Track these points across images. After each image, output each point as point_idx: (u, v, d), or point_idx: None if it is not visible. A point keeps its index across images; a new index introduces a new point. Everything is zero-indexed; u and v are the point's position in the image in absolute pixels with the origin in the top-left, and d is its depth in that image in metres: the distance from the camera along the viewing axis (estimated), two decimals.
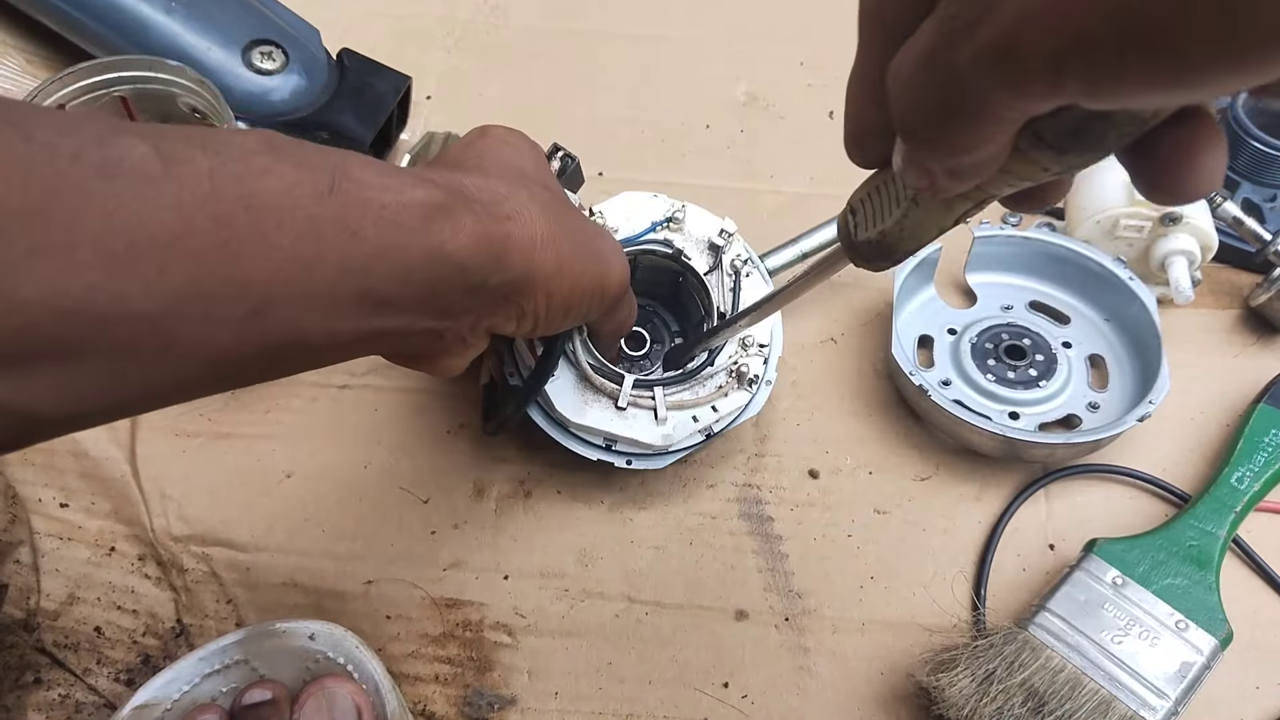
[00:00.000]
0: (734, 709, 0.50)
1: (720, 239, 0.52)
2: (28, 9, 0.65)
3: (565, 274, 0.39)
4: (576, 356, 0.50)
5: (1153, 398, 0.54)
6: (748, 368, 0.50)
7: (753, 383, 0.51)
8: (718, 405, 0.50)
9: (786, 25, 0.80)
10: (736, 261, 0.52)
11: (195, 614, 0.51)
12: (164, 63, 0.52)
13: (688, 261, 0.53)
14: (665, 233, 0.53)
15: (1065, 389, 0.58)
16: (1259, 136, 0.67)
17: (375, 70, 0.64)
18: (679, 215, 0.53)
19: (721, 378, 0.51)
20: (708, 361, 0.51)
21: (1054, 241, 0.61)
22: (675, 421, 0.49)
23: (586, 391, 0.49)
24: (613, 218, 0.52)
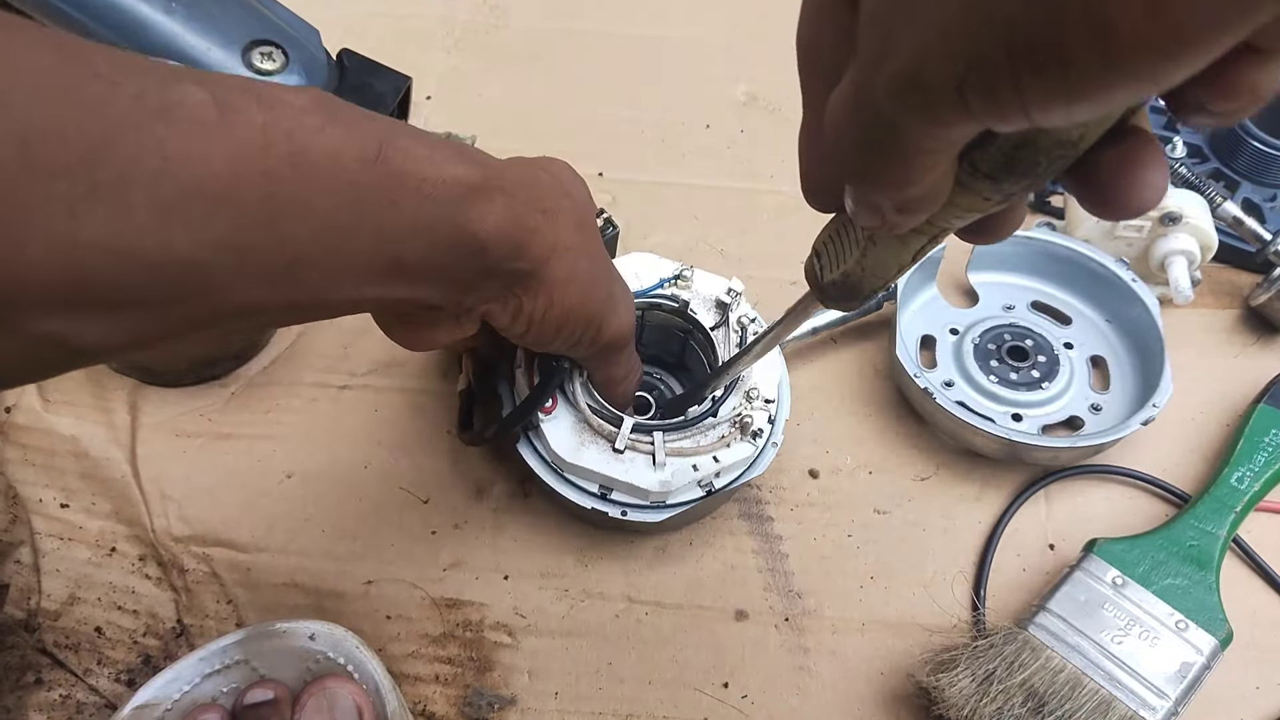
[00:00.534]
0: (734, 709, 0.50)
1: (728, 297, 0.52)
2: (25, 8, 0.65)
3: (573, 289, 0.39)
4: (575, 397, 0.49)
5: (1156, 401, 0.54)
6: (751, 419, 0.49)
7: (756, 435, 0.49)
8: (719, 456, 0.48)
9: (786, 25, 0.80)
10: (744, 319, 0.52)
11: (196, 614, 0.51)
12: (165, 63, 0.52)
13: (694, 315, 0.52)
14: (673, 289, 0.53)
15: (1067, 390, 0.58)
16: (1259, 136, 0.67)
17: (375, 71, 0.64)
18: (686, 274, 0.53)
19: (724, 428, 0.49)
20: (710, 411, 0.49)
21: (1057, 242, 0.61)
22: (674, 468, 0.48)
23: (584, 433, 0.49)
24: (622, 273, 0.52)
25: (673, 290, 0.53)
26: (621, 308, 0.44)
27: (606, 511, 0.49)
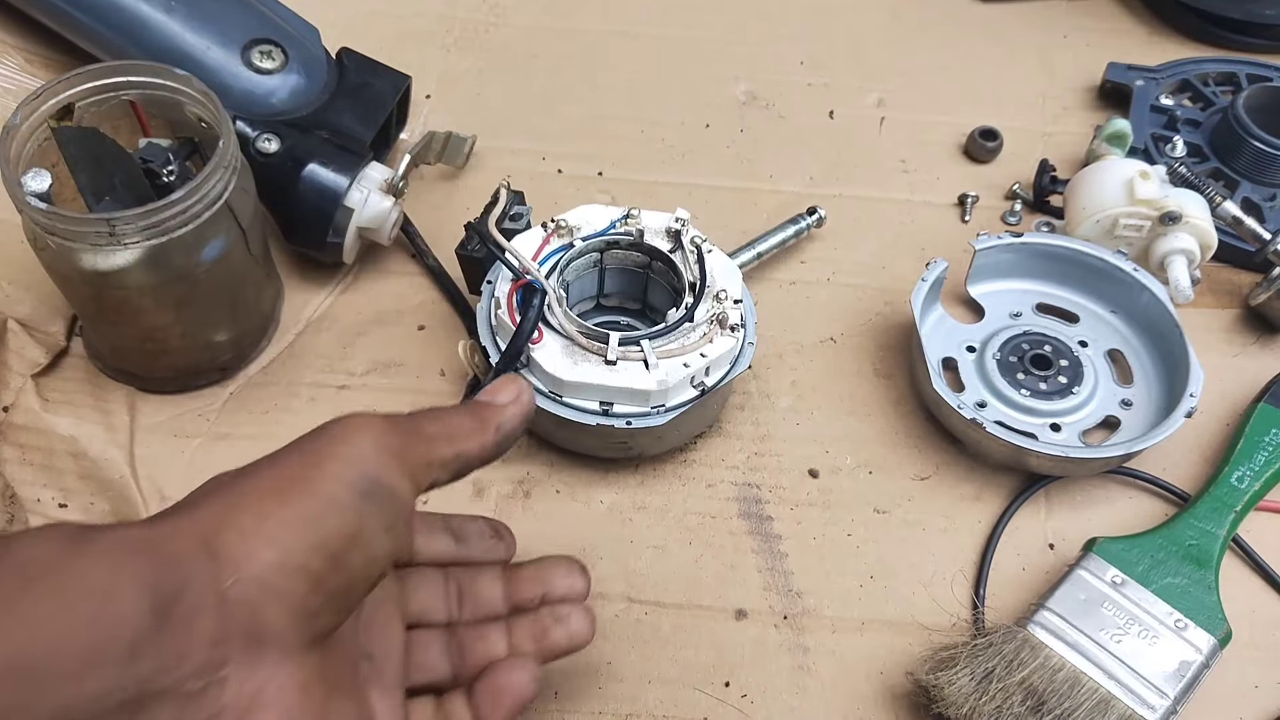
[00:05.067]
0: (734, 709, 0.50)
1: (676, 224, 0.55)
2: (26, 7, 0.65)
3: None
4: (560, 322, 0.51)
5: (1192, 390, 0.54)
6: (727, 315, 0.52)
7: (735, 329, 0.52)
8: (705, 351, 0.51)
9: (786, 25, 0.80)
10: (696, 239, 0.55)
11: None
12: (171, 71, 0.52)
13: (650, 244, 0.55)
14: (625, 227, 0.56)
15: (1096, 391, 0.58)
16: (1259, 136, 0.67)
17: (375, 70, 0.64)
18: (635, 213, 0.56)
19: (704, 327, 0.52)
20: (686, 316, 0.52)
21: (1052, 243, 0.61)
22: (667, 368, 0.50)
23: (575, 353, 0.51)
24: (574, 223, 0.55)
25: (625, 228, 0.55)
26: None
27: (612, 424, 0.50)
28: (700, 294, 0.53)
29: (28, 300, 0.58)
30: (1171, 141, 0.70)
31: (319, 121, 0.60)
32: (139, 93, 0.53)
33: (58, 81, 0.51)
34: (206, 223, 0.50)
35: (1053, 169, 0.69)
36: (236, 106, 0.58)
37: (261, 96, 0.60)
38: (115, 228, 0.47)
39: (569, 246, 0.55)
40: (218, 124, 0.51)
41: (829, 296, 0.65)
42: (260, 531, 0.31)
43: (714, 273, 0.54)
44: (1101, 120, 0.69)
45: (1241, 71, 0.76)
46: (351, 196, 0.58)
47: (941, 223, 0.69)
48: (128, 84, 0.52)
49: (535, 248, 0.54)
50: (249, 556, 0.30)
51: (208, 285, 0.52)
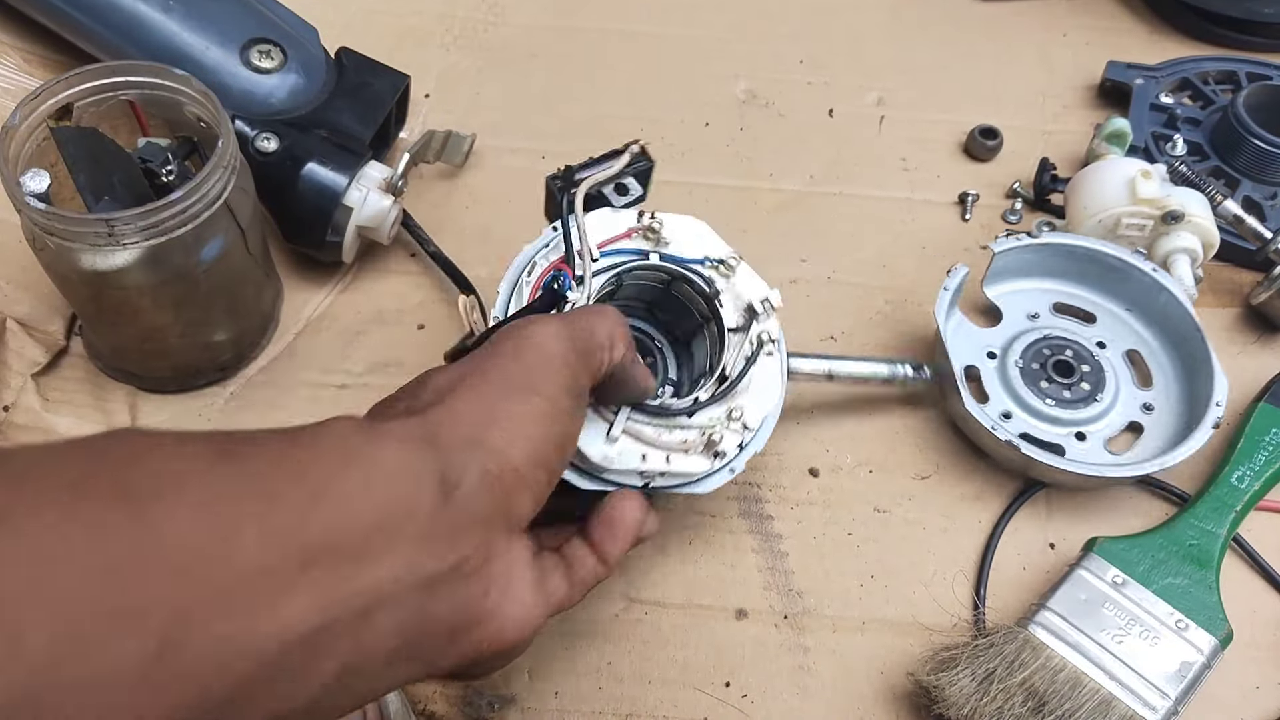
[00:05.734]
0: (734, 709, 0.50)
1: (760, 307, 0.48)
2: (24, 7, 0.65)
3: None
4: None
5: (1218, 399, 0.54)
6: (720, 439, 0.45)
7: (718, 456, 0.46)
8: (672, 459, 0.45)
9: (786, 24, 0.80)
10: (765, 335, 0.48)
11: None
12: (170, 71, 0.52)
13: (719, 308, 0.49)
14: (712, 273, 0.49)
15: (1118, 397, 0.58)
16: (1259, 134, 0.67)
17: (374, 69, 0.64)
18: (732, 263, 0.49)
19: (692, 434, 0.45)
20: (686, 410, 0.46)
21: (1071, 242, 0.61)
22: (623, 448, 0.44)
23: None
24: (667, 234, 0.49)
25: (710, 274, 0.49)
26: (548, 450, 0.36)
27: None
28: (719, 395, 0.47)
29: (27, 300, 0.58)
30: (1172, 140, 0.70)
31: (318, 121, 0.60)
32: (138, 93, 0.53)
33: (56, 81, 0.50)
34: (205, 223, 0.50)
35: (1053, 167, 0.69)
36: (235, 106, 0.58)
37: (260, 96, 0.60)
38: (114, 228, 0.47)
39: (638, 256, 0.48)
40: (217, 124, 0.51)
41: (829, 295, 0.65)
42: (516, 429, 0.34)
43: (752, 382, 0.47)
44: (1101, 119, 0.69)
45: (1241, 70, 0.75)
46: (350, 195, 0.58)
47: (942, 221, 0.69)
48: (127, 84, 0.52)
49: (612, 234, 0.49)
50: (510, 448, 0.33)
51: (207, 285, 0.52)
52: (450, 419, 0.33)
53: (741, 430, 0.46)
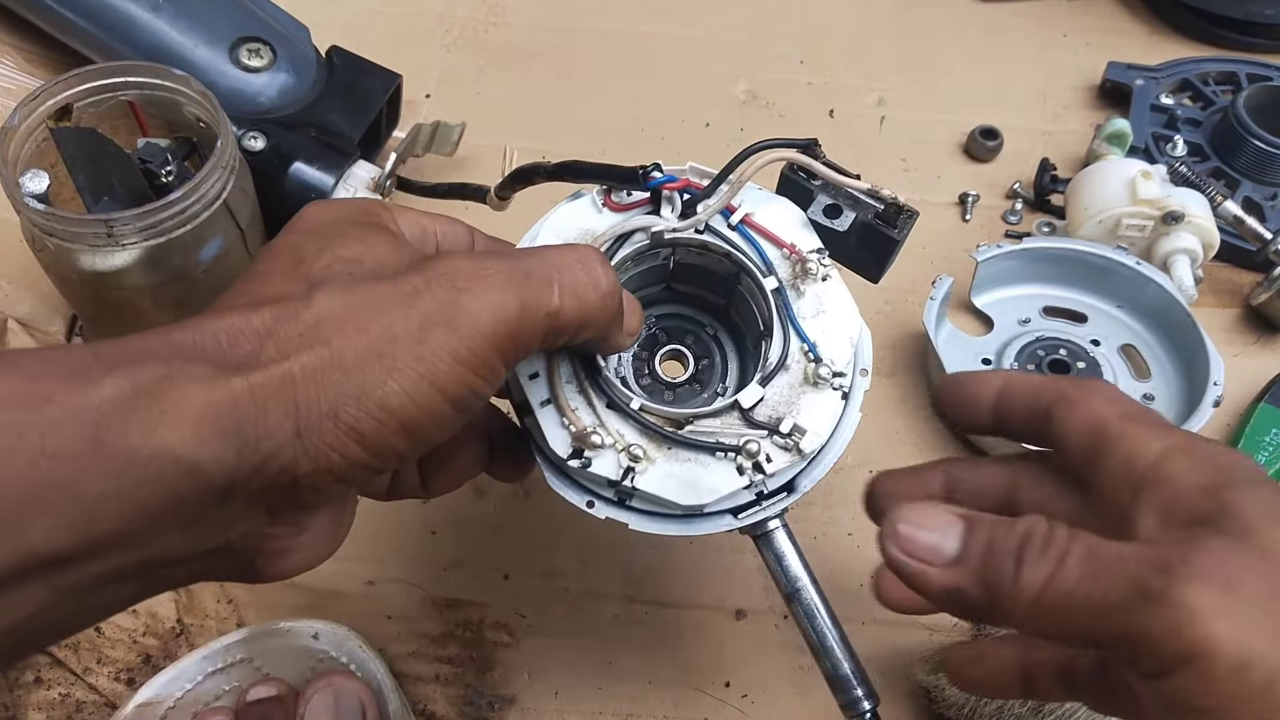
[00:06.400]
0: (734, 709, 0.50)
1: (848, 345, 0.40)
2: (16, 7, 0.65)
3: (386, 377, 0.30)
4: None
5: (1215, 379, 0.54)
6: (765, 461, 0.38)
7: (757, 469, 0.38)
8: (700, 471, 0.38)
9: (786, 24, 0.80)
10: (825, 372, 0.40)
11: (196, 614, 0.51)
12: (170, 71, 0.52)
13: (772, 316, 0.41)
14: (786, 272, 0.42)
15: None
16: (1260, 135, 0.67)
17: (365, 68, 0.64)
18: (829, 275, 0.42)
19: (731, 437, 0.38)
20: (731, 406, 0.39)
21: (1053, 245, 0.61)
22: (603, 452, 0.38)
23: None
24: (757, 216, 0.43)
25: (784, 274, 0.42)
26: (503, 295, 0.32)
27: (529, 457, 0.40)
28: (722, 407, 0.39)
29: (28, 300, 0.58)
30: (1172, 141, 0.70)
31: (307, 119, 0.60)
32: (137, 93, 0.53)
33: (56, 82, 0.50)
34: (205, 223, 0.50)
35: (1053, 168, 0.69)
36: (224, 104, 0.58)
37: (249, 95, 0.60)
38: (113, 228, 0.47)
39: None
40: (216, 124, 0.51)
41: None
42: (381, 415, 0.30)
43: (812, 408, 0.39)
44: (1101, 119, 0.69)
45: (1241, 71, 0.75)
46: (337, 194, 0.58)
47: (942, 222, 0.69)
48: (126, 84, 0.52)
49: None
50: (360, 434, 0.30)
51: (207, 285, 0.52)
52: (308, 378, 0.29)
53: (797, 453, 0.38)
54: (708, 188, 0.41)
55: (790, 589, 0.39)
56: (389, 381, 0.30)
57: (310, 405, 0.29)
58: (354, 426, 0.29)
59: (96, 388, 0.27)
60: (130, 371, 0.27)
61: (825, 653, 0.39)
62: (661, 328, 0.46)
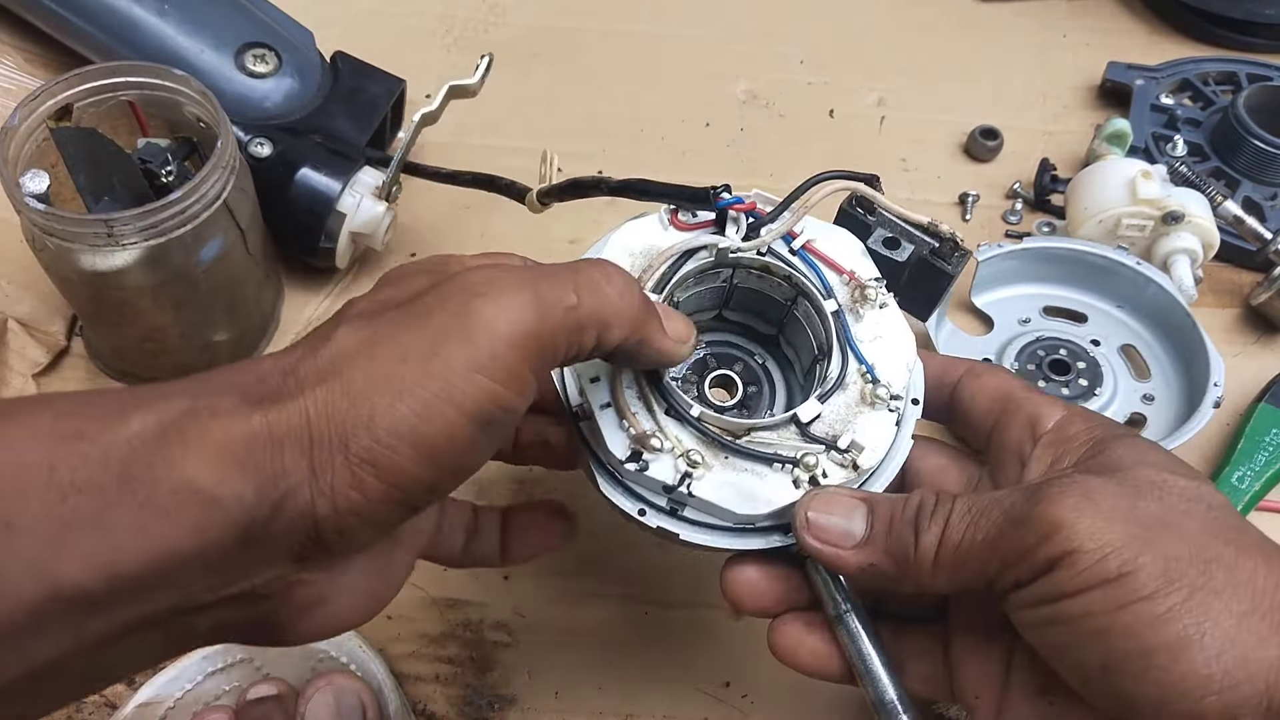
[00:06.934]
0: (734, 709, 0.50)
1: (904, 371, 0.41)
2: (20, 10, 0.65)
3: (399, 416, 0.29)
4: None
5: (1216, 379, 0.54)
6: (818, 465, 0.38)
7: (814, 482, 0.38)
8: (748, 482, 0.38)
9: (786, 25, 0.80)
10: (883, 393, 0.40)
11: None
12: (170, 71, 0.52)
13: (832, 342, 0.41)
14: (845, 298, 0.42)
15: (1117, 390, 0.58)
16: (1259, 135, 0.67)
17: (369, 73, 0.64)
18: (886, 303, 0.42)
19: (789, 450, 0.38)
20: (789, 420, 0.39)
21: (1053, 245, 0.61)
22: (661, 464, 0.38)
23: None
24: (819, 244, 0.43)
25: (844, 300, 0.42)
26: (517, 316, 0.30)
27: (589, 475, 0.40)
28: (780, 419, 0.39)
29: (28, 300, 0.58)
30: (1172, 141, 0.70)
31: (312, 125, 0.60)
32: (137, 93, 0.53)
33: (56, 82, 0.50)
34: (205, 223, 0.50)
35: (1053, 168, 0.69)
36: (230, 110, 0.58)
37: (255, 100, 0.60)
38: (113, 228, 0.47)
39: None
40: (216, 124, 0.51)
41: None
42: (404, 438, 0.29)
43: (869, 428, 0.39)
44: (1101, 119, 0.69)
45: (1241, 71, 0.75)
46: (344, 201, 0.58)
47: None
48: (126, 84, 0.52)
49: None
50: (379, 463, 0.29)
51: (207, 285, 0.52)
52: (320, 411, 0.28)
53: (853, 469, 0.39)
54: (772, 212, 0.43)
55: (836, 611, 0.39)
56: (397, 405, 0.28)
57: (322, 440, 0.28)
58: (365, 458, 0.28)
59: (125, 424, 0.27)
60: (159, 406, 0.27)
61: (872, 678, 0.38)
62: (712, 354, 0.47)
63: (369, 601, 0.35)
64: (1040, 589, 0.32)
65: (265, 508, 0.28)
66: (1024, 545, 0.32)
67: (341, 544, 0.30)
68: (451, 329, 0.30)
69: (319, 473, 0.28)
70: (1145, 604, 0.30)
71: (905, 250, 0.43)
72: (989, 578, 0.33)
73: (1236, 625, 0.30)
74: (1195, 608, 0.30)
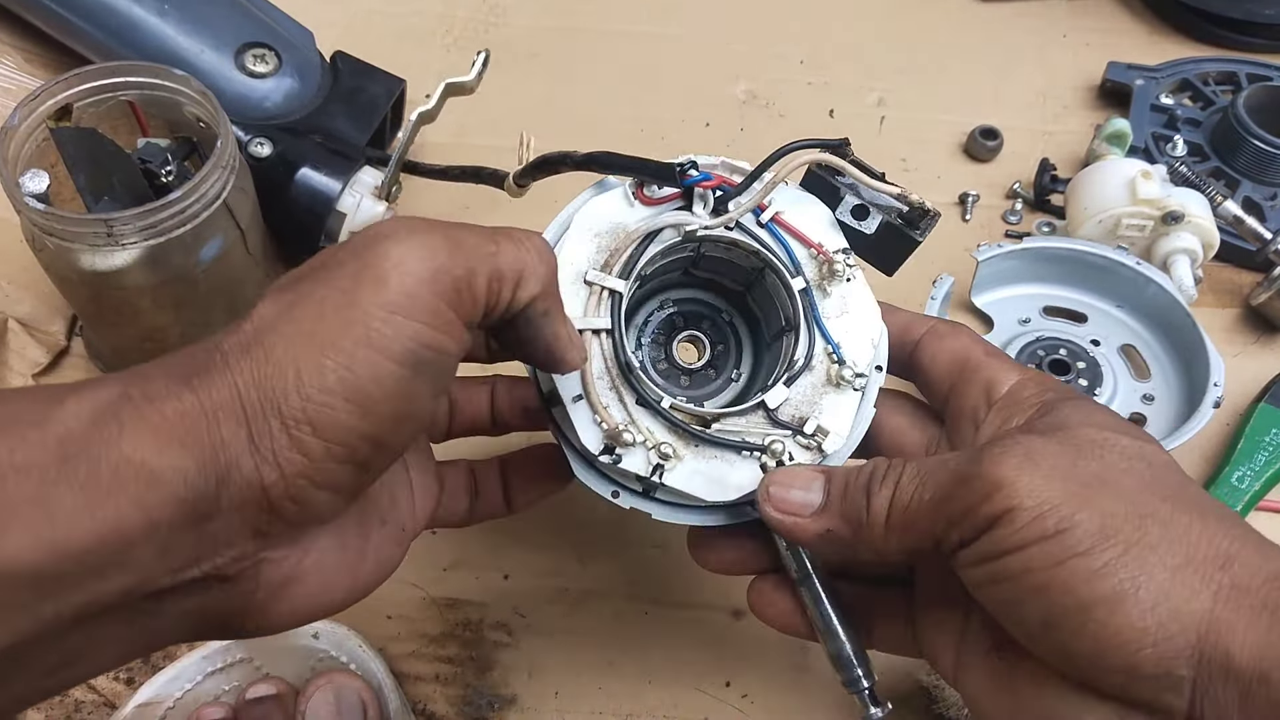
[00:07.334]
0: (734, 709, 0.50)
1: (869, 347, 0.42)
2: (20, 10, 0.65)
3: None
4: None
5: (1216, 379, 0.54)
6: (784, 450, 0.39)
7: (764, 468, 0.39)
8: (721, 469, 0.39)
9: (786, 25, 0.80)
10: (848, 374, 0.41)
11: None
12: (170, 71, 0.52)
13: (799, 315, 0.42)
14: (814, 272, 0.42)
15: (1117, 390, 0.58)
16: (1259, 135, 0.67)
17: (369, 73, 0.64)
18: (854, 276, 0.42)
19: (756, 436, 0.39)
20: (756, 406, 0.40)
21: (1053, 245, 0.61)
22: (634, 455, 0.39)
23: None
24: (786, 215, 0.42)
25: (812, 274, 0.42)
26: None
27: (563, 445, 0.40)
28: (745, 406, 0.40)
29: (28, 300, 0.58)
30: (1172, 141, 0.70)
31: (312, 125, 0.60)
32: (137, 93, 0.53)
33: (56, 82, 0.50)
34: (205, 222, 0.50)
35: (1053, 168, 0.69)
36: (230, 110, 0.58)
37: (255, 100, 0.60)
38: (113, 228, 0.47)
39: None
40: (216, 124, 0.51)
41: None
42: (331, 394, 0.29)
43: (833, 408, 0.40)
44: (1101, 119, 0.69)
45: (1241, 71, 0.75)
46: (344, 201, 0.58)
47: (942, 222, 0.68)
48: (126, 84, 0.52)
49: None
50: (316, 420, 0.29)
51: (207, 285, 0.52)
52: (248, 381, 0.29)
53: (819, 452, 0.40)
54: (740, 185, 0.42)
55: (801, 573, 0.41)
56: (322, 360, 0.29)
57: (255, 408, 0.29)
58: (300, 418, 0.29)
59: (61, 409, 0.27)
60: (93, 393, 0.28)
61: (830, 635, 0.40)
62: (680, 312, 0.47)
63: (347, 581, 0.35)
64: (982, 547, 0.33)
65: (210, 481, 0.28)
66: (967, 504, 0.33)
67: (298, 512, 0.30)
68: (364, 275, 0.30)
69: (258, 440, 0.29)
70: (1082, 559, 0.31)
71: (874, 221, 0.43)
72: (937, 537, 0.34)
73: (1170, 579, 0.30)
74: (1130, 562, 0.30)
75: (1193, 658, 0.30)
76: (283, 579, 0.32)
